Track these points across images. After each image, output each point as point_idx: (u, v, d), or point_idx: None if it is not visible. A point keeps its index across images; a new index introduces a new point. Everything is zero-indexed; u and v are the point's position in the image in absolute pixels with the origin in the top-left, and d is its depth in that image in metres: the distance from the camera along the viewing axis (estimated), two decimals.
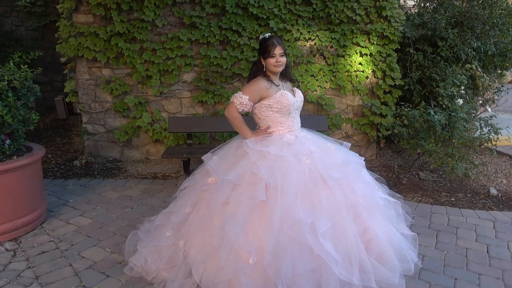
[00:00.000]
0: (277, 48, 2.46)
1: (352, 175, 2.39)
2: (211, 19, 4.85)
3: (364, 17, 4.97)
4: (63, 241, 3.07)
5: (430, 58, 5.07)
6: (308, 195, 2.23)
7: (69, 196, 3.97)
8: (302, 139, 2.51)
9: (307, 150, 2.41)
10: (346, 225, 2.20)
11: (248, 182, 2.25)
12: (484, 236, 3.30)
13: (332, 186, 2.27)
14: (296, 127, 2.58)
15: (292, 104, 2.52)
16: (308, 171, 2.29)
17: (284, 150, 2.39)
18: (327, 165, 2.35)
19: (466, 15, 5.05)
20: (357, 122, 5.27)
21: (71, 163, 5.02)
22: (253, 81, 2.56)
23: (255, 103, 2.52)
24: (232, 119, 2.54)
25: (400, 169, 4.91)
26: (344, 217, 2.21)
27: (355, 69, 5.13)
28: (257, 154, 2.35)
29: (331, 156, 2.45)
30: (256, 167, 2.27)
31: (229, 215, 2.20)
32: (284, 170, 2.27)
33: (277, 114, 2.52)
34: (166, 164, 5.07)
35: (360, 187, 2.37)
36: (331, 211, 2.20)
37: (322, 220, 2.14)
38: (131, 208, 3.71)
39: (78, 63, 4.88)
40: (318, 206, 2.20)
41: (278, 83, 2.57)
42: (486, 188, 4.40)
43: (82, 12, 4.73)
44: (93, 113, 5.02)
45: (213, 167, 2.41)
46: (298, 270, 2.06)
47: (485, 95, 5.36)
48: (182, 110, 5.11)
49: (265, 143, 2.44)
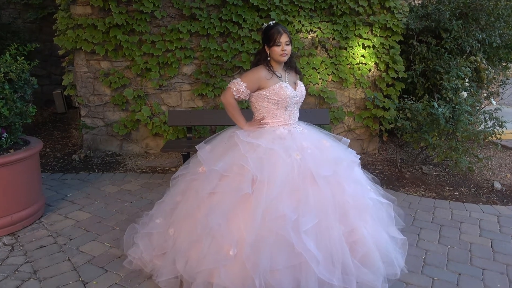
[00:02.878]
0: (283, 36, 2.41)
1: (343, 174, 2.34)
2: (211, 10, 4.80)
3: (366, 9, 4.91)
4: (62, 235, 3.06)
5: (434, 50, 5.01)
6: (295, 191, 2.19)
7: (68, 190, 3.95)
8: (295, 133, 2.46)
9: (299, 146, 2.37)
10: (331, 224, 2.17)
11: (236, 173, 2.25)
12: (488, 231, 3.28)
13: (320, 184, 2.23)
14: (292, 121, 2.53)
15: (291, 97, 2.46)
16: (298, 167, 2.25)
17: (275, 143, 2.35)
18: (318, 162, 2.30)
19: (471, 6, 4.98)
20: (359, 115, 5.23)
21: (69, 157, 5.00)
22: (253, 69, 2.54)
23: (252, 91, 2.50)
24: (226, 104, 2.54)
25: (403, 163, 4.88)
26: (330, 216, 2.18)
27: (357, 62, 5.08)
28: (247, 146, 2.33)
29: (323, 153, 2.39)
30: (244, 159, 2.25)
31: (214, 205, 2.22)
32: (273, 164, 2.25)
33: (273, 106, 2.48)
34: (166, 158, 5.05)
35: (350, 186, 2.32)
36: (317, 209, 2.16)
37: (307, 218, 2.11)
38: (130, 203, 3.69)
39: (76, 56, 4.84)
40: (304, 202, 2.16)
41: (281, 74, 2.52)
42: (490, 182, 4.37)
43: (80, 3, 4.68)
44: (91, 106, 4.99)
45: (203, 157, 2.41)
46: (277, 265, 2.05)
47: (490, 88, 5.32)
48: (182, 103, 5.07)
49: (256, 134, 2.41)
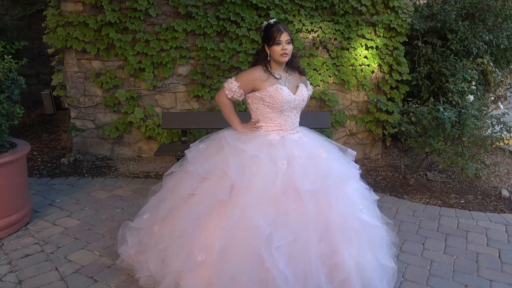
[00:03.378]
0: (284, 35, 2.39)
1: (333, 189, 2.27)
2: (208, 8, 4.82)
3: (370, 8, 4.94)
4: (49, 243, 3.04)
5: (439, 51, 5.04)
6: (274, 203, 2.15)
7: (56, 195, 3.93)
8: (289, 140, 2.41)
9: (290, 154, 2.31)
10: (310, 243, 2.11)
11: (218, 177, 2.27)
12: (495, 240, 3.29)
13: (304, 197, 2.16)
14: (289, 126, 2.49)
15: (287, 101, 2.42)
16: (281, 176, 2.20)
17: (263, 150, 2.31)
18: (306, 174, 2.24)
19: (478, 7, 5.02)
20: (361, 119, 5.25)
21: (58, 160, 4.98)
22: (249, 69, 2.55)
23: (246, 92, 2.49)
24: (220, 103, 2.57)
25: (407, 169, 4.89)
26: (310, 234, 2.12)
27: (360, 63, 5.10)
28: (233, 150, 2.33)
29: (315, 165, 2.32)
30: (226, 163, 2.26)
31: (190, 208, 2.26)
32: (255, 171, 2.23)
33: (268, 109, 2.46)
34: (160, 162, 5.04)
35: (339, 204, 2.25)
36: (296, 225, 2.11)
37: (282, 233, 2.07)
38: (122, 209, 3.68)
39: (67, 55, 4.84)
40: (282, 216, 2.12)
41: (281, 75, 2.50)
42: (498, 190, 4.38)
43: (71, 0, 4.68)
44: (82, 107, 4.98)
45: (191, 156, 2.45)
46: (243, 277, 2.04)
47: (497, 91, 5.34)
48: (177, 105, 5.07)
49: (246, 138, 2.40)
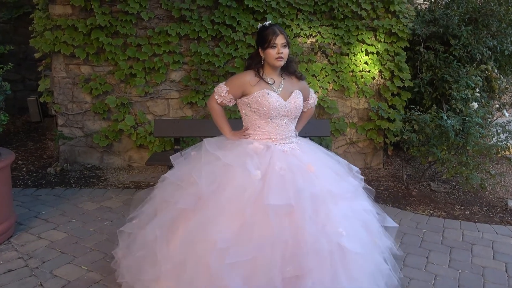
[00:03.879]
0: (279, 37, 2.35)
1: (310, 207, 2.15)
2: (203, 12, 4.85)
3: (370, 12, 5.00)
4: (33, 257, 3.01)
5: (442, 57, 5.10)
6: (239, 216, 2.09)
7: (41, 207, 3.90)
8: (274, 151, 2.34)
9: (270, 165, 2.24)
10: (273, 264, 2.02)
11: (188, 185, 2.28)
12: (502, 254, 3.30)
13: (270, 213, 2.07)
14: (279, 135, 2.42)
15: (275, 108, 2.36)
16: (252, 188, 2.14)
17: (240, 159, 2.25)
18: (280, 188, 2.15)
19: (481, 12, 5.10)
20: (362, 127, 5.27)
21: (44, 170, 4.96)
22: (240, 73, 2.55)
23: (236, 97, 2.47)
24: (210, 109, 2.58)
25: (409, 179, 4.90)
26: (274, 254, 2.03)
27: (360, 69, 5.15)
28: (209, 157, 2.32)
29: (296, 179, 2.22)
30: (199, 172, 2.25)
31: (160, 215, 2.31)
32: (225, 182, 2.21)
33: (255, 116, 2.42)
34: (151, 172, 5.03)
35: (315, 224, 2.12)
36: (259, 242, 2.03)
37: (239, 250, 2.02)
38: (111, 221, 3.65)
39: (54, 60, 4.84)
40: (246, 231, 2.06)
41: (274, 80, 2.45)
42: (504, 201, 4.40)
43: (59, 3, 4.70)
44: (70, 114, 4.97)
45: (175, 162, 2.46)
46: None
47: (502, 98, 5.40)
48: (170, 112, 5.07)
49: (227, 146, 2.39)
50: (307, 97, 2.67)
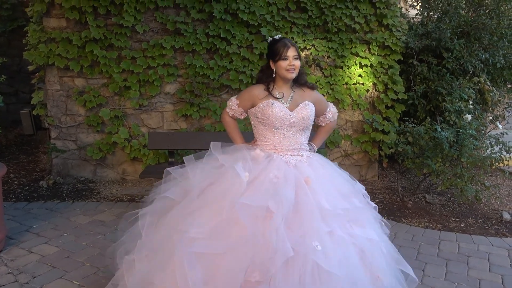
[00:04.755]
0: (290, 50, 2.38)
1: (292, 217, 2.11)
2: (197, 25, 4.89)
3: (363, 26, 5.07)
4: (24, 272, 2.96)
5: (435, 70, 5.16)
6: (216, 213, 2.13)
7: (33, 221, 3.86)
8: (275, 160, 2.35)
9: (266, 172, 2.26)
10: (237, 266, 1.99)
11: (183, 179, 2.39)
12: (498, 266, 3.30)
13: (242, 215, 2.06)
14: (285, 146, 2.42)
15: (279, 117, 2.39)
16: (237, 190, 2.16)
17: (236, 162, 2.27)
18: (267, 195, 2.14)
19: (473, 25, 5.18)
20: (357, 139, 5.30)
21: (36, 183, 4.91)
22: (250, 87, 2.61)
23: (246, 110, 2.53)
24: (223, 122, 2.67)
25: (404, 192, 4.91)
26: (240, 256, 2.01)
27: (354, 82, 5.19)
28: (210, 158, 2.39)
29: (286, 188, 2.20)
30: (194, 169, 2.36)
31: (154, 203, 2.44)
32: (215, 180, 2.31)
33: (262, 126, 2.45)
34: (145, 185, 5.00)
35: (293, 234, 2.07)
36: (229, 241, 2.05)
37: (209, 243, 2.04)
38: (104, 235, 3.62)
39: (48, 72, 4.84)
40: (220, 229, 2.09)
41: (283, 93, 2.46)
42: (499, 213, 4.41)
43: (54, 16, 4.73)
44: (63, 127, 4.95)
45: (186, 161, 2.49)
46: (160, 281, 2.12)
47: (495, 111, 5.46)
48: (164, 124, 5.07)
49: (228, 150, 2.43)
50: (323, 110, 2.65)
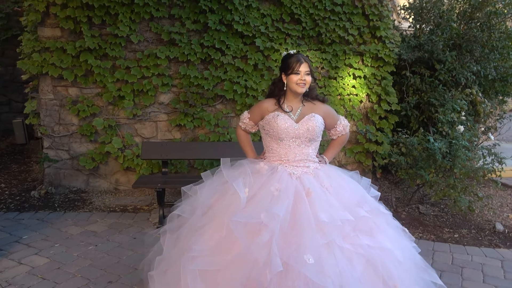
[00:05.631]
0: (303, 65, 2.43)
1: (287, 232, 2.12)
2: (192, 36, 4.92)
3: (357, 37, 5.12)
4: (12, 284, 2.91)
5: (427, 81, 5.21)
6: (218, 230, 2.18)
7: (23, 231, 3.81)
8: (279, 172, 2.37)
9: (267, 186, 2.28)
10: (235, 281, 2.01)
11: (193, 194, 2.46)
12: (492, 277, 3.30)
13: (236, 231, 2.09)
14: (291, 157, 2.44)
15: (284, 128, 2.43)
16: (235, 206, 2.21)
17: (239, 178, 2.32)
18: (261, 208, 2.16)
19: (464, 38, 5.26)
20: (350, 150, 5.31)
21: (28, 193, 4.86)
22: (261, 100, 2.69)
23: (256, 123, 2.61)
24: (236, 136, 2.76)
25: (398, 202, 4.92)
26: (240, 273, 2.03)
27: (348, 92, 5.23)
28: (219, 174, 2.45)
29: (288, 203, 2.21)
30: (202, 186, 2.43)
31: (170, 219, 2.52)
32: (219, 197, 2.36)
33: (269, 138, 2.51)
34: (138, 195, 4.96)
35: (285, 248, 2.07)
36: (227, 258, 2.09)
37: (207, 260, 2.10)
38: (95, 246, 3.58)
39: (42, 81, 4.83)
40: (221, 245, 2.14)
41: (292, 107, 2.49)
42: (492, 224, 4.43)
43: (48, 25, 4.73)
44: (56, 137, 4.92)
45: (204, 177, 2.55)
46: None
47: (487, 122, 5.51)
48: (158, 134, 5.06)
49: (235, 165, 2.47)
50: (334, 124, 2.64)
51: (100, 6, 4.61)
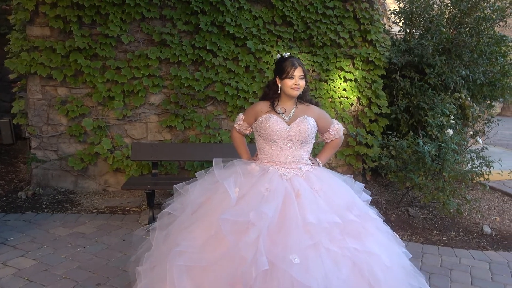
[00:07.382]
0: (297, 70, 2.45)
1: (275, 231, 2.12)
2: (183, 37, 4.90)
3: (348, 41, 5.16)
4: None
5: (417, 85, 5.27)
6: (208, 229, 2.19)
7: (9, 233, 3.75)
8: (270, 173, 2.39)
9: (257, 186, 2.31)
10: (221, 280, 2.03)
11: (185, 193, 2.47)
12: (480, 279, 3.33)
13: (224, 229, 2.10)
14: (283, 159, 2.47)
15: (276, 130, 2.45)
16: (227, 203, 2.24)
17: (230, 178, 2.34)
18: (250, 208, 2.17)
19: (454, 42, 5.33)
20: (341, 152, 5.34)
21: (14, 194, 4.79)
22: (256, 103, 2.69)
23: (250, 124, 2.64)
24: (231, 137, 2.81)
25: (388, 205, 4.95)
26: (227, 271, 2.04)
27: (338, 95, 5.26)
28: (210, 174, 2.46)
29: (276, 204, 2.22)
30: (194, 185, 2.44)
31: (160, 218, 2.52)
32: (210, 195, 2.37)
33: (261, 140, 2.54)
34: (127, 196, 4.92)
35: (272, 247, 2.08)
36: (214, 255, 2.09)
37: (194, 256, 2.12)
38: (84, 248, 3.54)
39: (30, 81, 4.77)
40: (210, 243, 2.15)
41: (285, 109, 2.52)
42: (480, 226, 4.48)
43: (37, 24, 4.67)
44: (44, 137, 4.86)
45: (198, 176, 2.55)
46: None
47: (475, 126, 5.58)
48: (148, 135, 5.03)
49: (226, 165, 2.49)
50: (327, 127, 2.65)
51: (91, 6, 4.57)
